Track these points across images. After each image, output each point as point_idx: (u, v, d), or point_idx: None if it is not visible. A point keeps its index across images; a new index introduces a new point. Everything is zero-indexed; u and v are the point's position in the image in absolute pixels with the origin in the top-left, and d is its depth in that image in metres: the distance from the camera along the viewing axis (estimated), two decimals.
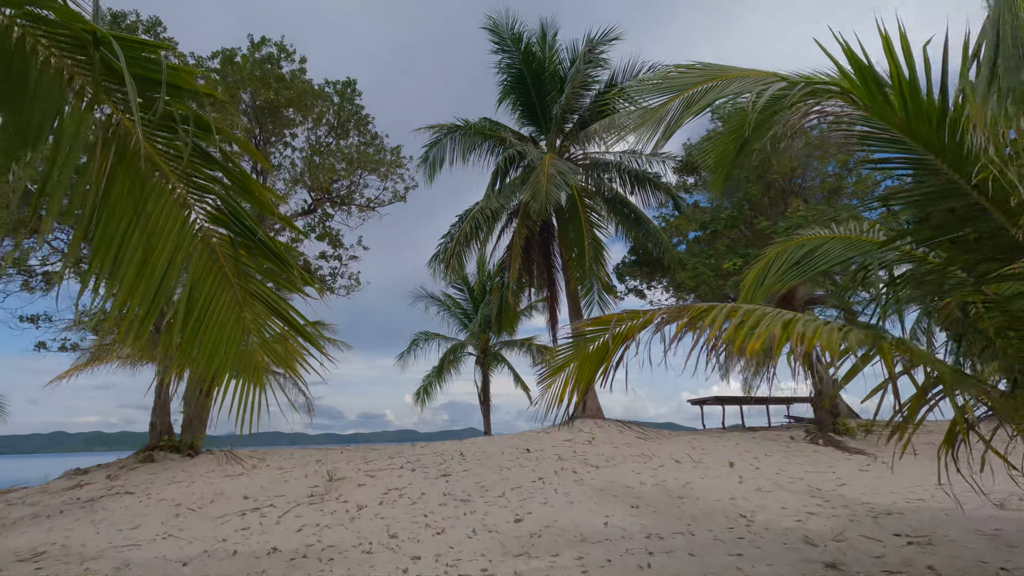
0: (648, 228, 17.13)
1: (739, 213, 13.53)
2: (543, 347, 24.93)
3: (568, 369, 4.34)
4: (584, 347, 4.28)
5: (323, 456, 11.27)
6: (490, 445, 11.91)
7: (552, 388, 4.44)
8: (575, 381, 4.30)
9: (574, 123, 18.96)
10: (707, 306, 3.86)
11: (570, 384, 4.31)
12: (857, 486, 8.93)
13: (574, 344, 4.40)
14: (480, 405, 25.16)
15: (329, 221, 16.11)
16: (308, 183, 13.69)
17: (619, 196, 18.13)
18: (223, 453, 11.52)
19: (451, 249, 17.28)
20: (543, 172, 14.98)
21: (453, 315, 26.76)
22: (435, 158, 17.53)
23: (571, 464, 10.03)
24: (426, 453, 11.10)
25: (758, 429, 17.11)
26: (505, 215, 18.65)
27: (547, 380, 4.46)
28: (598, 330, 4.14)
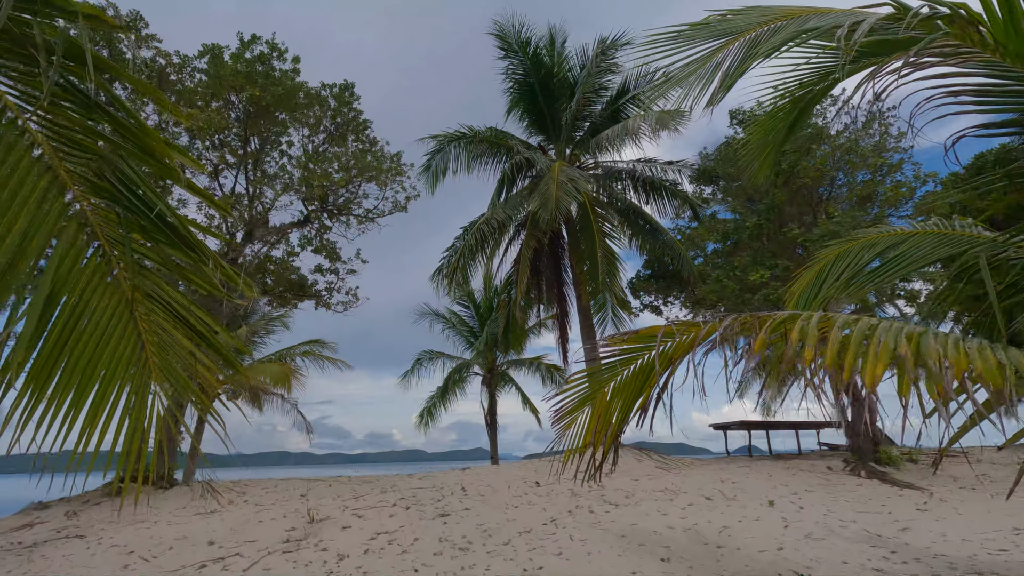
0: (665, 239, 16.06)
1: (766, 221, 12.47)
2: (553, 366, 23.74)
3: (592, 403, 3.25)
4: (615, 372, 3.19)
5: (309, 489, 10.14)
6: (495, 477, 10.71)
7: (571, 427, 3.35)
8: (601, 421, 3.21)
9: (585, 131, 18.07)
10: (787, 315, 2.77)
11: (597, 423, 3.22)
12: (922, 531, 7.65)
13: (596, 370, 3.31)
14: (487, 428, 23.89)
15: (327, 234, 15.21)
16: (302, 192, 12.79)
17: (633, 206, 17.12)
18: (201, 485, 10.42)
19: (455, 263, 16.27)
20: (553, 179, 14.02)
21: (459, 333, 25.66)
22: (438, 167, 16.65)
23: (587, 501, 8.82)
24: (423, 487, 9.93)
25: (788, 457, 15.75)
26: (512, 227, 17.66)
27: (565, 419, 3.36)
28: (636, 349, 3.06)
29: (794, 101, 4.77)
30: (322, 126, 14.13)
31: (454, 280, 16.88)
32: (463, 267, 16.73)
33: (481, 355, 24.17)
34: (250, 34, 11.68)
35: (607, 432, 3.28)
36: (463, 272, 16.93)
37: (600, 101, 17.86)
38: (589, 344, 15.59)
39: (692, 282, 15.14)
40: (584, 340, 15.75)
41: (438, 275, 17.20)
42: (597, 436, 3.25)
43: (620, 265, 14.44)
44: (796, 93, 4.86)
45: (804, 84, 4.82)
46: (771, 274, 12.27)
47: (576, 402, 3.29)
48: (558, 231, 18.13)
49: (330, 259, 15.35)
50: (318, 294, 15.12)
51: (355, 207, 14.79)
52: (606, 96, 17.78)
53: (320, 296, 15.38)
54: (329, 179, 12.32)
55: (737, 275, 12.96)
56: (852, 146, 13.35)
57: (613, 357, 3.30)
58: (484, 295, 25.63)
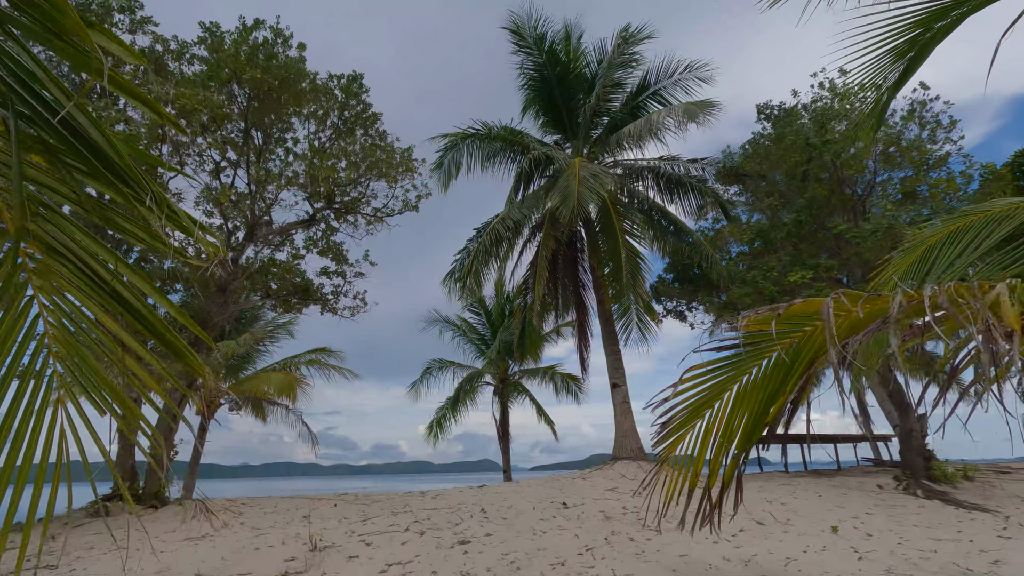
0: (691, 240, 15.12)
1: (807, 217, 11.51)
2: (568, 376, 22.72)
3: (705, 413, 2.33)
4: (740, 369, 2.27)
5: (313, 509, 9.20)
6: (517, 496, 9.73)
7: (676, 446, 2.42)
8: (722, 437, 2.29)
9: (603, 128, 17.25)
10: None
11: (714, 437, 2.30)
12: (1018, 564, 6.59)
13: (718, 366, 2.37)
14: (499, 440, 22.87)
15: (334, 235, 14.39)
16: (307, 188, 11.98)
17: (656, 205, 16.22)
18: (196, 504, 9.51)
19: (468, 266, 15.39)
20: (574, 175, 13.16)
21: (469, 341, 24.75)
22: (451, 164, 15.85)
23: (623, 527, 7.82)
24: (438, 508, 8.96)
25: (827, 473, 14.63)
26: (528, 228, 16.81)
27: (671, 437, 2.43)
28: (769, 338, 2.14)
29: (911, 43, 3.90)
30: (329, 121, 13.39)
31: (467, 284, 16.01)
32: (476, 271, 15.85)
33: (493, 364, 23.22)
34: (252, 19, 10.96)
35: (726, 453, 2.35)
36: (476, 276, 16.04)
37: (619, 97, 17.06)
38: (611, 350, 14.62)
39: (721, 285, 14.16)
40: (606, 346, 14.78)
41: (450, 279, 16.35)
42: (715, 460, 2.32)
43: (645, 266, 13.50)
44: (906, 37, 3.99)
45: (920, 22, 3.95)
46: (813, 275, 11.30)
47: (687, 413, 2.36)
48: (576, 233, 17.26)
49: (337, 261, 14.52)
50: (324, 298, 14.26)
51: (363, 206, 13.98)
52: (625, 92, 16.98)
53: (326, 300, 14.51)
54: (335, 174, 11.51)
55: (774, 276, 11.98)
56: (894, 139, 12.41)
57: (724, 352, 2.37)
58: (496, 302, 24.74)
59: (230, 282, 11.11)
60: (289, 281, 13.80)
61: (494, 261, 16.49)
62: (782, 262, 12.01)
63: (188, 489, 18.91)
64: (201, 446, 19.69)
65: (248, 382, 20.16)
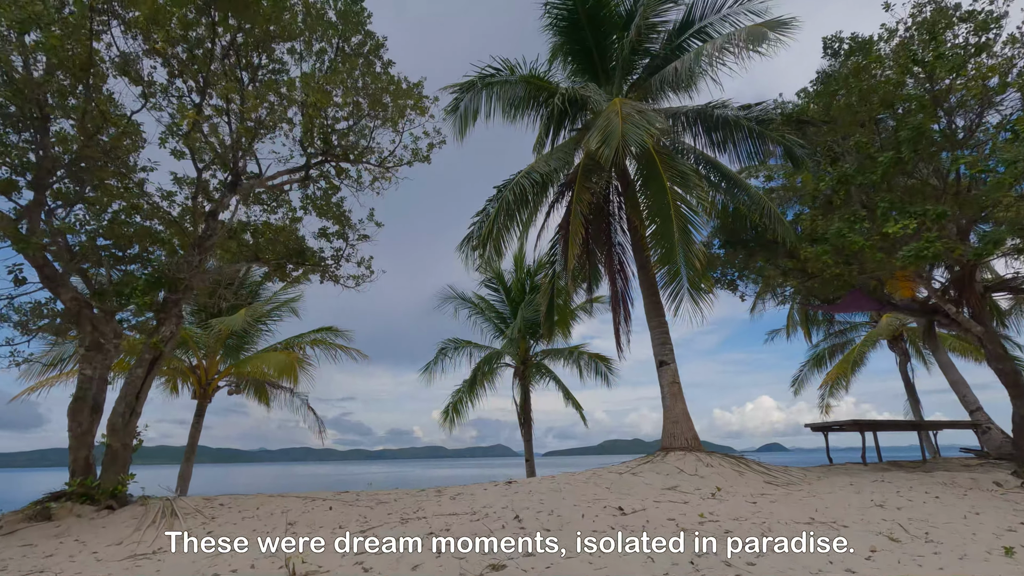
0: (748, 195, 12.88)
1: (910, 153, 9.26)
2: (597, 356, 20.67)
3: None
4: None
5: (303, 513, 7.33)
6: (556, 497, 7.77)
7: None
8: None
9: (642, 70, 15.01)
10: None
11: None
12: None
13: None
14: (520, 427, 20.97)
15: (335, 196, 12.41)
16: (297, 121, 9.98)
17: (705, 158, 13.99)
18: (162, 504, 7.71)
19: (487, 229, 13.29)
20: (615, 112, 11.02)
21: (487, 319, 22.79)
22: (467, 109, 13.73)
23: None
24: (459, 513, 7.03)
25: (909, 465, 12.50)
26: (555, 188, 14.69)
27: None
28: None
29: None
30: (326, 57, 11.33)
31: (486, 251, 13.96)
32: (496, 236, 13.76)
33: (513, 344, 21.25)
34: None
35: None
36: (496, 242, 13.97)
37: (659, 37, 14.76)
38: (657, 323, 12.53)
39: (788, 245, 11.95)
40: (650, 319, 12.68)
41: (466, 245, 14.27)
42: None
43: (700, 219, 11.29)
44: None
45: None
46: (918, 224, 9.07)
47: None
48: (611, 189, 15.12)
49: (337, 222, 12.57)
50: (323, 263, 12.33)
51: (367, 155, 11.96)
52: (666, 30, 14.70)
53: (326, 267, 12.57)
54: (328, 102, 9.47)
55: (864, 227, 9.76)
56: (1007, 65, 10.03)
57: None
58: (515, 277, 22.71)
59: (207, 237, 9.19)
60: (281, 244, 11.90)
61: (515, 227, 14.41)
62: (873, 214, 9.77)
63: (184, 478, 17.38)
64: (198, 431, 18.13)
65: (247, 363, 18.49)
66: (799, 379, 31.10)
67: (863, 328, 29.06)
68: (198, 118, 8.23)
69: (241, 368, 18.04)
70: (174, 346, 8.77)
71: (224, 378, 18.79)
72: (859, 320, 28.67)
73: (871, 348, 28.69)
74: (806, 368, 31.05)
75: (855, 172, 10.27)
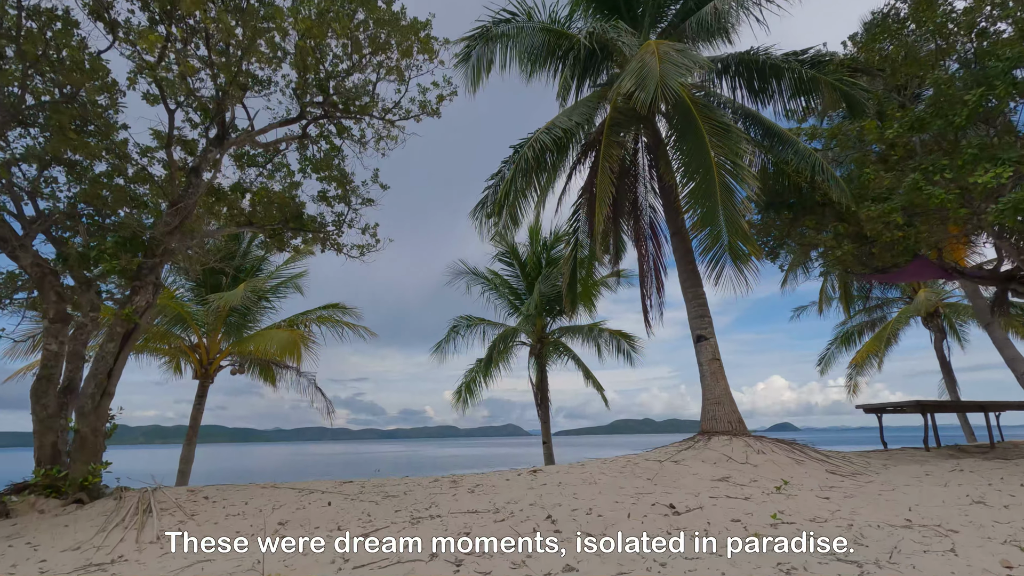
0: (796, 150, 11.43)
1: (1007, 88, 7.81)
2: (619, 333, 19.45)
3: None
4: None
5: (297, 509, 6.29)
6: (592, 491, 6.65)
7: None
8: None
9: (674, 15, 13.50)
10: None
11: None
12: None
13: None
14: (536, 408, 19.92)
15: (336, 157, 11.21)
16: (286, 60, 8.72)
17: (744, 111, 12.54)
18: (139, 497, 6.71)
19: (503, 192, 12.02)
20: (651, 52, 9.63)
21: (500, 296, 21.62)
22: (480, 58, 12.35)
23: (791, 552, 4.65)
24: (480, 511, 5.93)
25: (973, 450, 11.26)
26: (577, 147, 13.35)
27: None
28: None
29: None
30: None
31: (502, 217, 12.72)
32: (513, 201, 12.52)
33: (529, 321, 20.09)
34: None
35: None
36: (512, 209, 12.72)
37: None
38: (694, 293, 11.25)
39: (844, 206, 10.56)
40: (685, 289, 11.40)
41: (480, 211, 13.03)
42: None
43: (745, 172, 9.89)
44: None
45: None
46: (1012, 172, 7.69)
47: None
48: (641, 146, 13.76)
49: (339, 185, 11.37)
50: (323, 229, 11.18)
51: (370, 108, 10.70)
52: None
53: (327, 234, 11.42)
54: (322, 37, 8.19)
55: (945, 179, 8.37)
56: None
57: None
58: (531, 250, 21.44)
59: (185, 196, 8.02)
60: (277, 207, 10.75)
61: (532, 193, 13.11)
62: (955, 160, 8.35)
63: (186, 460, 16.59)
64: (200, 412, 17.29)
65: (249, 341, 17.55)
66: (826, 358, 29.75)
67: (895, 304, 27.60)
68: (164, 43, 6.99)
69: (243, 347, 17.10)
70: (151, 318, 7.70)
71: (226, 357, 17.88)
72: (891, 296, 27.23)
73: (904, 325, 27.31)
74: (834, 347, 29.70)
75: (931, 115, 8.83)
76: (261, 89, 10.09)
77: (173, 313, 16.37)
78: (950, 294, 26.21)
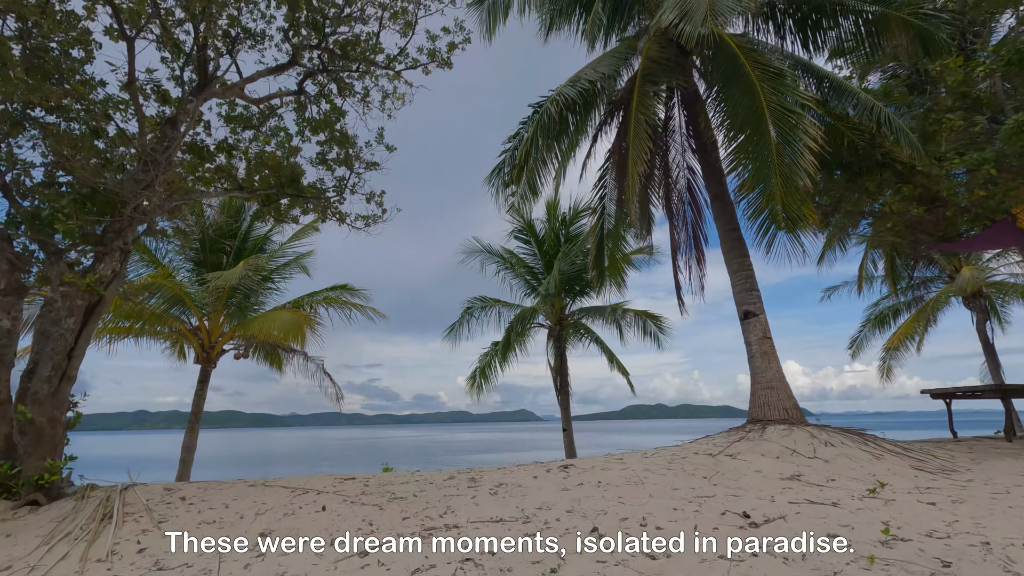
0: (857, 100, 9.99)
1: None
2: (646, 314, 18.18)
3: None
4: None
5: (284, 515, 5.22)
6: (641, 495, 5.48)
7: None
8: None
9: None
10: None
11: None
12: None
13: None
14: (556, 393, 18.80)
15: (341, 121, 10.04)
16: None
17: (796, 60, 11.08)
18: (103, 499, 5.69)
19: (522, 155, 10.75)
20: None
21: (517, 275, 20.39)
22: (497, 1, 11.04)
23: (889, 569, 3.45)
24: (505, 516, 4.80)
25: None
26: (602, 108, 12.02)
27: None
28: None
29: None
30: None
31: (520, 185, 11.50)
32: (532, 166, 11.27)
33: (547, 301, 18.88)
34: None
35: None
36: (531, 175, 11.49)
37: None
38: (740, 264, 9.94)
39: (918, 161, 9.16)
40: (729, 260, 10.08)
41: (496, 177, 11.80)
42: None
43: (804, 120, 8.51)
44: None
45: None
46: None
47: None
48: (678, 99, 12.37)
49: (340, 146, 10.20)
50: (323, 195, 10.03)
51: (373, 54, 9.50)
52: None
53: (328, 201, 10.27)
54: None
55: None
56: None
57: None
58: (549, 226, 20.14)
59: (158, 150, 6.89)
60: (270, 169, 9.61)
61: (553, 159, 11.84)
62: None
63: (188, 449, 15.75)
64: (202, 398, 16.44)
65: (252, 323, 16.59)
66: (857, 341, 28.27)
67: (934, 284, 26.03)
68: None
69: (246, 329, 16.15)
70: (117, 290, 6.62)
71: (229, 341, 16.96)
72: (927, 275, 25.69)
73: (944, 305, 25.78)
74: (866, 329, 28.21)
75: None
76: (250, 40, 8.97)
77: (171, 294, 15.45)
78: (995, 271, 24.61)
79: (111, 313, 14.07)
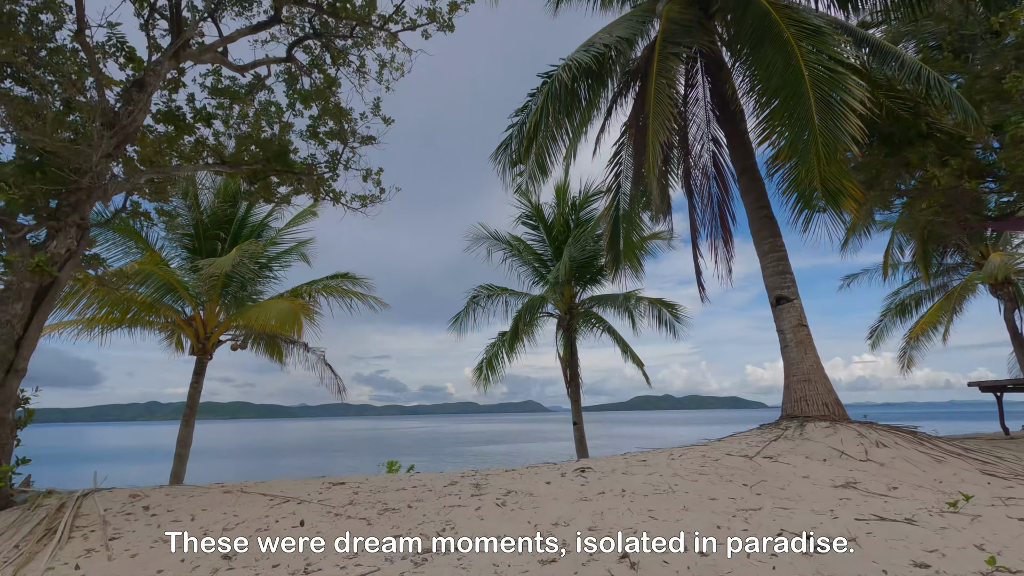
0: (901, 63, 9.01)
1: None
2: (660, 302, 17.28)
3: None
4: None
5: (258, 529, 4.45)
6: (674, 506, 4.67)
7: None
8: None
9: None
10: None
11: None
12: None
13: None
14: (566, 385, 17.99)
15: (336, 93, 9.25)
16: None
17: (831, 19, 10.09)
18: (52, 511, 4.96)
19: (532, 125, 9.87)
20: None
21: (524, 262, 19.54)
22: None
23: None
24: (516, 531, 4.00)
25: None
26: (617, 79, 11.09)
27: None
28: None
29: None
30: None
31: (529, 163, 10.65)
32: (542, 141, 10.41)
33: (556, 289, 18.03)
34: None
35: None
36: (540, 152, 10.62)
37: None
38: (771, 245, 9.03)
39: (973, 127, 8.19)
40: (759, 240, 9.15)
41: (503, 152, 10.92)
42: None
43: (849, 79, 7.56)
44: None
45: None
46: None
47: None
48: (688, 82, 11.42)
49: (333, 119, 9.40)
50: (315, 172, 9.23)
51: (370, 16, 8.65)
52: None
53: (321, 178, 9.46)
54: None
55: None
56: None
57: None
58: (557, 211, 19.24)
59: (122, 114, 6.09)
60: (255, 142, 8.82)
61: (563, 136, 10.94)
62: None
63: (184, 443, 15.10)
64: (198, 391, 15.80)
65: (247, 313, 15.86)
66: (878, 330, 27.26)
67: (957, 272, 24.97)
68: None
69: (242, 318, 15.43)
70: (73, 269, 5.84)
71: (226, 331, 16.27)
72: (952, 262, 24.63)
73: (971, 293, 24.75)
74: (887, 318, 27.20)
75: None
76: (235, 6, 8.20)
77: (162, 281, 14.74)
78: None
79: (97, 303, 13.39)
